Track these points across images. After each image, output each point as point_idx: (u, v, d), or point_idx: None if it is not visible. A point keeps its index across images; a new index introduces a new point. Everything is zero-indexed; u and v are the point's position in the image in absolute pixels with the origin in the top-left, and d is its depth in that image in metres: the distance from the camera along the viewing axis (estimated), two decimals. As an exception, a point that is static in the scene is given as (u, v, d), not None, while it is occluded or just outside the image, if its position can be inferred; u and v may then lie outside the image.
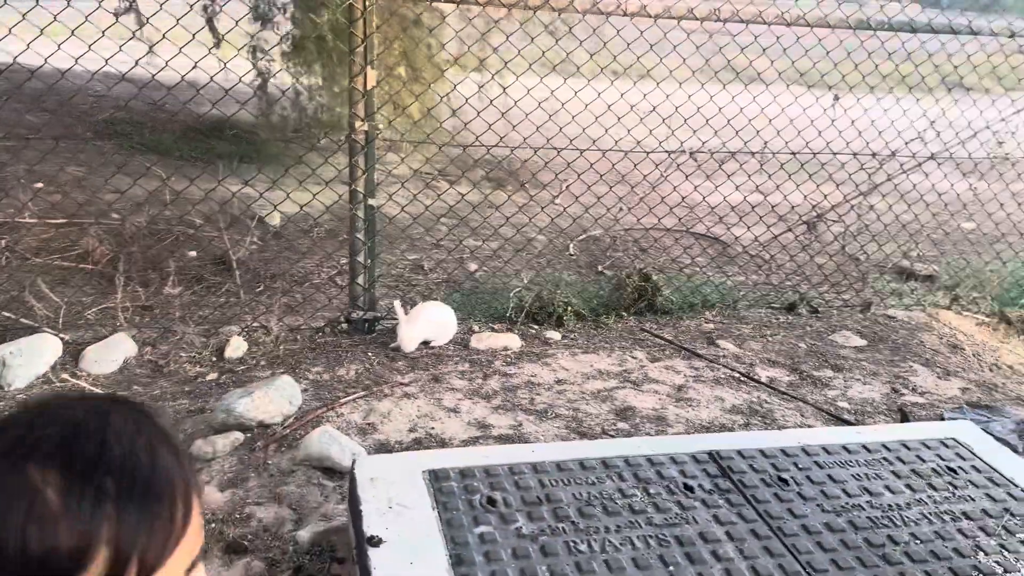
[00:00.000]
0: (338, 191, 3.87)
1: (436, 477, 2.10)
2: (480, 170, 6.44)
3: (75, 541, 0.61)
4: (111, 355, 3.18)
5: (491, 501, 2.03)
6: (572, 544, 1.90)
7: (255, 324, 3.61)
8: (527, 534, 1.93)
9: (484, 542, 1.89)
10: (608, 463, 2.23)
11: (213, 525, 2.24)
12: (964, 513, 2.11)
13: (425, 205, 4.81)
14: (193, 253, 4.51)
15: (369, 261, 3.59)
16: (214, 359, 3.33)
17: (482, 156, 6.37)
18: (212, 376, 3.18)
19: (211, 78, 3.55)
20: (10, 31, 2.98)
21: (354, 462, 2.15)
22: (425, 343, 3.49)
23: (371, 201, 3.49)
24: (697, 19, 3.74)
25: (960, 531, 2.04)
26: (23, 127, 5.52)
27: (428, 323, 3.48)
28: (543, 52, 4.07)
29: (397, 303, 3.51)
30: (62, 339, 3.25)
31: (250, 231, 4.57)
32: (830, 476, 2.23)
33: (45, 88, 5.48)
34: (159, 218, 4.82)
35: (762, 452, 2.33)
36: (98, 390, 3.01)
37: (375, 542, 1.86)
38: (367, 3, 3.23)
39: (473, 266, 4.74)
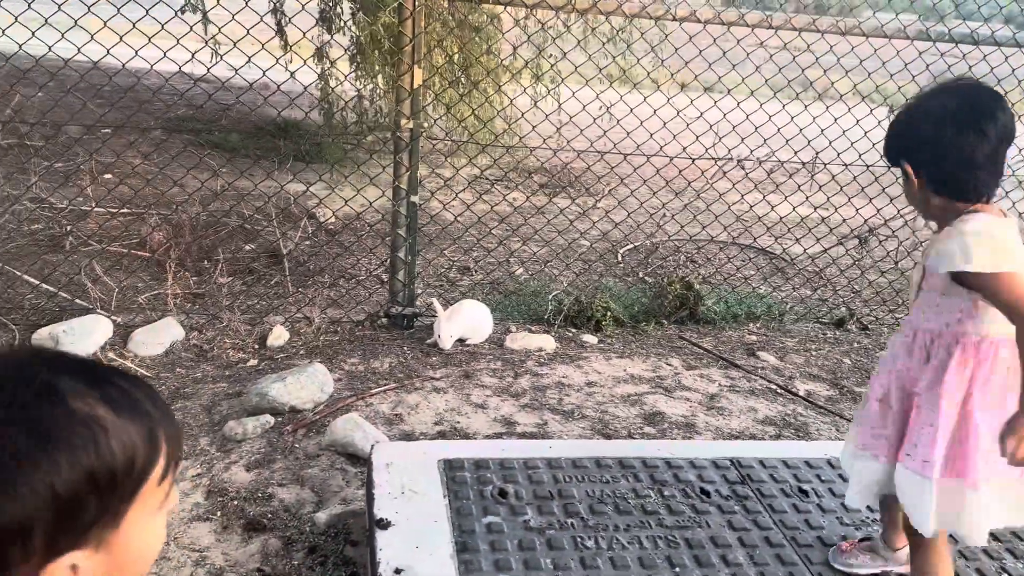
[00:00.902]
0: (388, 189, 3.92)
1: (450, 467, 2.10)
2: (536, 178, 6.45)
3: (145, 433, 0.70)
4: (158, 338, 3.28)
5: (502, 493, 2.02)
6: (579, 539, 1.88)
7: (298, 315, 3.67)
8: (535, 527, 1.91)
9: (491, 532, 1.88)
10: (625, 463, 2.19)
11: (236, 503, 2.28)
12: (993, 535, 2.01)
13: (470, 207, 4.83)
14: (250, 246, 4.63)
15: (410, 258, 3.62)
16: (256, 346, 3.40)
17: (539, 164, 6.38)
18: (252, 362, 3.25)
19: (278, 87, 3.65)
20: (103, 28, 3.12)
21: (372, 447, 2.16)
22: (460, 340, 3.50)
23: (413, 198, 3.52)
24: (748, 26, 3.68)
25: (986, 552, 1.94)
26: (101, 123, 5.74)
27: (465, 321, 3.49)
28: (588, 56, 4.05)
29: (436, 301, 3.53)
30: (113, 321, 3.37)
31: (302, 227, 4.66)
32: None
33: (124, 87, 5.70)
34: (218, 211, 4.96)
35: (784, 462, 2.27)
36: (142, 371, 3.10)
37: (384, 524, 1.86)
38: (416, 3, 3.27)
39: (519, 269, 4.74)
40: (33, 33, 3.05)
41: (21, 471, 0.64)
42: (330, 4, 6.09)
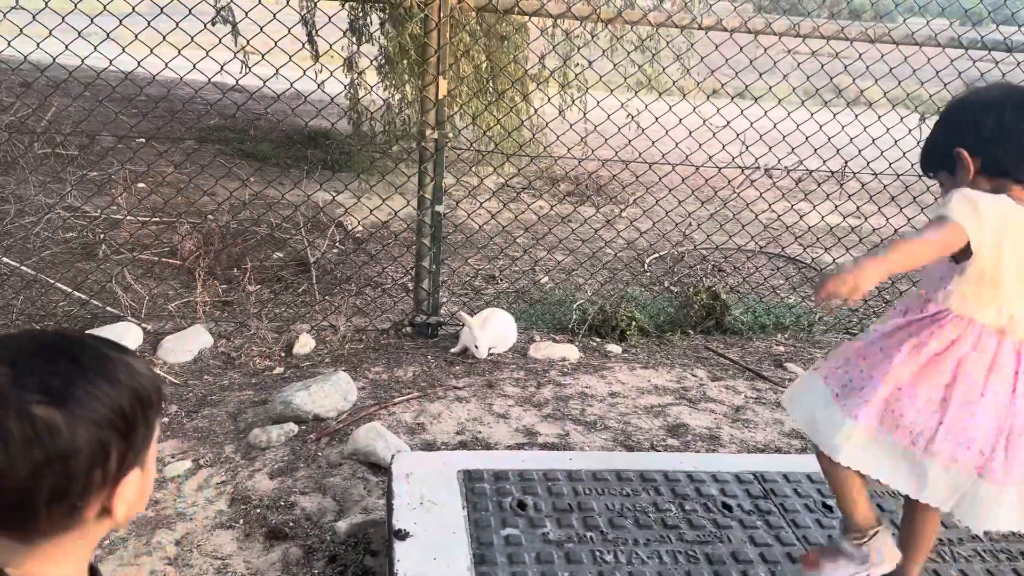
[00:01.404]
0: (413, 199, 3.95)
1: (470, 477, 2.09)
2: (561, 187, 6.45)
3: (150, 369, 0.90)
4: (187, 345, 3.32)
5: (521, 505, 2.01)
6: (598, 553, 1.86)
7: (324, 323, 3.71)
8: (553, 540, 1.90)
9: (509, 544, 1.87)
10: (646, 476, 2.17)
11: (258, 511, 2.30)
12: (1024, 554, 1.96)
13: (495, 216, 4.84)
14: (278, 254, 4.68)
15: (434, 266, 3.63)
16: (283, 354, 3.43)
17: (565, 173, 6.38)
18: (278, 370, 3.28)
19: (306, 98, 3.70)
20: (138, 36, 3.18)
21: (393, 457, 2.17)
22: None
23: (438, 207, 3.54)
24: (776, 34, 3.65)
25: (1016, 572, 1.89)
26: (133, 133, 5.86)
27: (496, 329, 3.49)
28: (614, 65, 4.05)
29: (462, 312, 3.53)
30: (143, 328, 3.42)
31: (329, 235, 4.70)
32: (879, 506, 2.11)
33: (156, 98, 5.80)
34: (247, 220, 5.02)
35: (809, 477, 2.23)
36: (171, 378, 3.14)
37: (402, 535, 1.87)
38: (441, 15, 3.29)
39: (544, 278, 4.74)
40: (67, 46, 3.12)
41: (96, 400, 0.82)
42: (359, 15, 6.14)
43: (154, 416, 0.89)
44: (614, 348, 3.73)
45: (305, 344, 3.48)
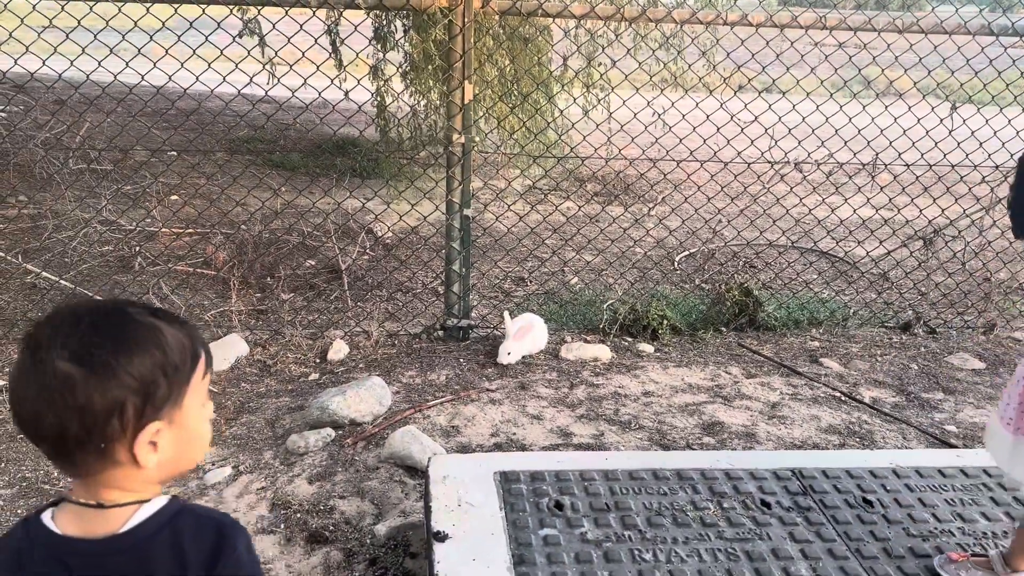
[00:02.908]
0: (442, 203, 3.98)
1: (506, 479, 2.11)
2: (589, 187, 6.45)
3: (188, 335, 1.00)
4: (224, 354, 3.38)
5: (558, 505, 2.02)
6: (636, 552, 1.87)
7: (357, 329, 3.74)
8: (592, 539, 1.91)
9: (547, 544, 1.88)
10: (683, 474, 2.17)
11: (299, 515, 2.34)
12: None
13: (523, 219, 4.85)
14: (310, 262, 4.73)
15: (464, 270, 3.65)
16: (317, 360, 3.48)
17: (592, 173, 6.37)
18: (314, 376, 3.32)
19: (333, 107, 3.74)
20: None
21: (429, 460, 2.19)
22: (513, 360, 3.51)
23: (466, 211, 3.56)
24: (802, 27, 3.62)
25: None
26: (165, 146, 5.96)
27: (528, 341, 3.50)
28: (639, 63, 4.04)
29: (507, 315, 3.54)
30: (181, 337, 3.48)
31: (360, 242, 4.75)
32: (920, 500, 2.09)
33: (187, 111, 5.90)
34: (279, 229, 5.09)
35: (848, 472, 2.21)
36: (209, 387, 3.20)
37: (441, 537, 1.88)
38: (465, 20, 3.31)
39: (573, 279, 4.74)
40: (99, 63, 3.19)
41: (114, 363, 0.91)
42: (383, 23, 6.20)
43: (182, 377, 0.97)
44: (646, 347, 3.73)
45: (339, 350, 3.52)
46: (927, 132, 3.93)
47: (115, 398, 0.91)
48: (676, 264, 5.17)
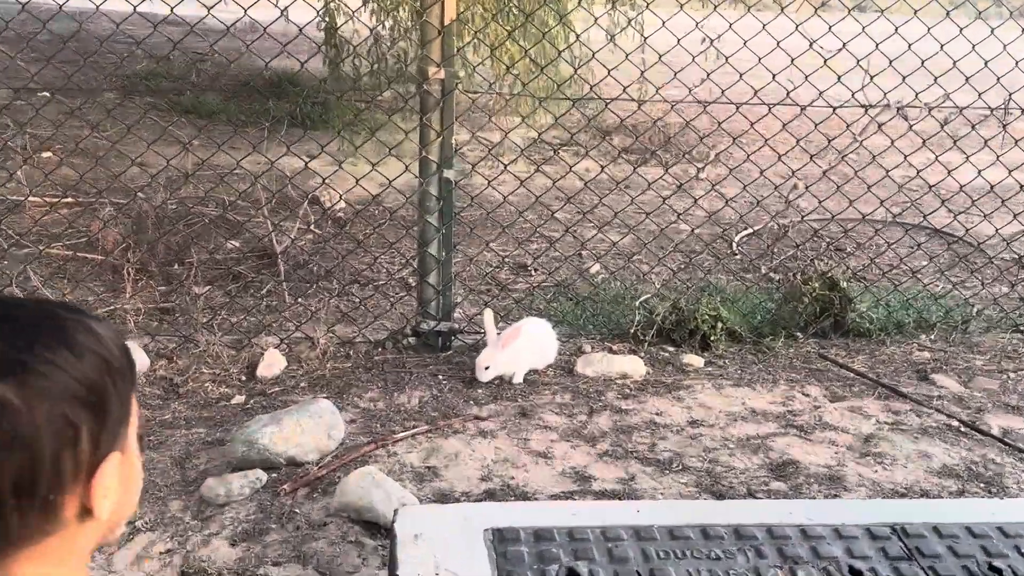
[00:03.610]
0: (414, 163, 3.97)
1: (502, 538, 2.11)
2: (615, 141, 6.45)
3: (120, 338, 1.00)
4: (115, 368, 3.37)
5: (573, 573, 2.02)
6: (679, 639, 1.87)
7: (298, 335, 3.75)
8: (618, 622, 1.91)
9: (557, 628, 1.88)
10: (742, 532, 2.17)
11: (218, 588, 2.34)
12: None
13: (525, 184, 4.85)
14: (233, 243, 4.73)
15: (444, 254, 3.66)
16: (243, 378, 3.48)
17: (619, 122, 6.37)
18: (238, 399, 3.33)
19: (264, 30, 3.72)
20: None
21: (396, 512, 2.19)
22: (500, 376, 3.49)
23: (447, 174, 3.56)
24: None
25: None
26: (34, 84, 5.95)
27: (526, 347, 3.50)
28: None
29: (488, 314, 3.54)
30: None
31: (301, 216, 4.75)
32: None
33: (64, 35, 5.89)
34: (190, 198, 5.09)
35: (969, 530, 2.21)
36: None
37: (411, 619, 1.89)
38: (445, -89, 3.30)
39: (594, 266, 4.74)
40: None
41: (57, 369, 0.89)
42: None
43: (128, 388, 0.97)
44: (694, 360, 3.73)
45: (273, 363, 3.52)
46: (1078, 65, 3.93)
47: (66, 419, 0.88)
48: (735, 246, 5.17)
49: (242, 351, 3.62)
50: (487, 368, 3.44)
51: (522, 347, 3.49)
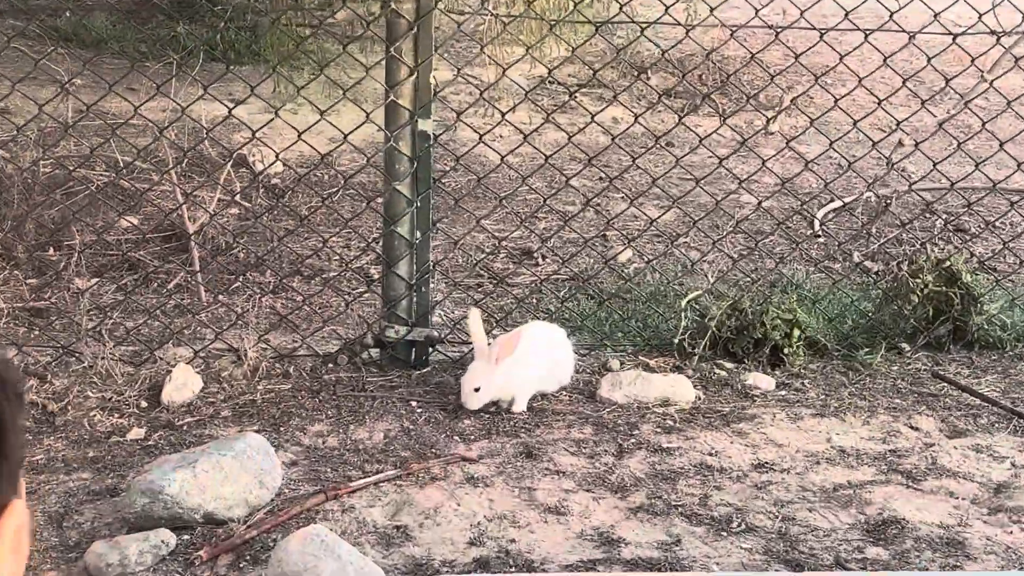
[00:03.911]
0: (378, 110, 3.96)
1: (499, 625, 2.12)
2: (653, 81, 6.44)
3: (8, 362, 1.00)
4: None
5: (596, 673, 2.03)
6: None
7: (218, 345, 3.74)
8: None
9: None
10: (828, 616, 2.18)
11: None
12: None
13: (529, 140, 4.84)
14: (130, 219, 4.72)
15: (419, 235, 3.65)
16: (143, 404, 3.47)
17: (659, 55, 6.35)
18: (137, 433, 3.32)
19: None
20: None
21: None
22: (494, 401, 3.49)
23: (424, 124, 3.56)
24: None
25: None
26: None
27: (522, 358, 3.49)
28: None
29: (474, 314, 3.54)
30: None
31: (223, 182, 4.73)
32: None
33: None
34: (71, 157, 5.07)
35: None
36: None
37: None
38: None
39: (625, 253, 4.72)
40: None
41: None
42: None
43: (20, 413, 0.98)
44: (761, 380, 3.73)
45: (184, 384, 3.51)
46: None
47: None
48: (817, 226, 5.16)
49: (142, 368, 3.61)
50: (477, 390, 3.43)
51: (524, 362, 3.48)
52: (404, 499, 2.97)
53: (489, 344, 3.48)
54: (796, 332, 3.86)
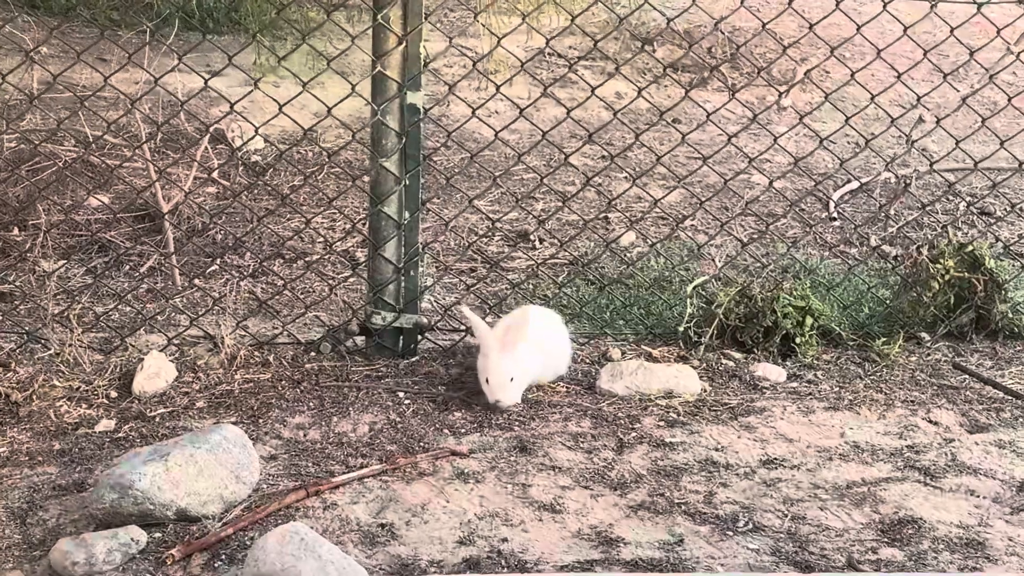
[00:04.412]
0: (364, 82, 3.95)
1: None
2: (659, 53, 6.43)
3: None
4: (-75, 379, 3.38)
5: None
6: None
7: (194, 333, 3.74)
8: None
9: None
10: (840, 621, 2.19)
11: None
12: None
13: (524, 114, 4.84)
14: (100, 198, 4.71)
15: (408, 216, 3.65)
16: (113, 394, 3.47)
17: (663, 24, 6.35)
18: (107, 424, 3.32)
19: None
20: None
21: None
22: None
23: (413, 97, 3.56)
24: None
25: None
26: None
27: (533, 349, 3.49)
28: None
29: (466, 309, 3.53)
30: None
31: (199, 159, 4.73)
32: None
33: None
34: (35, 131, 5.06)
35: None
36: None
37: None
38: None
39: (628, 235, 4.72)
40: None
41: None
42: None
43: None
44: (771, 371, 3.74)
45: (156, 373, 3.51)
46: None
47: None
48: (833, 208, 5.16)
49: (112, 355, 3.62)
50: (512, 379, 3.43)
51: (523, 350, 3.50)
52: (390, 496, 2.97)
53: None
54: (809, 320, 3.87)
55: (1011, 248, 4.60)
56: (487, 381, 3.44)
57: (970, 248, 4.14)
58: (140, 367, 3.52)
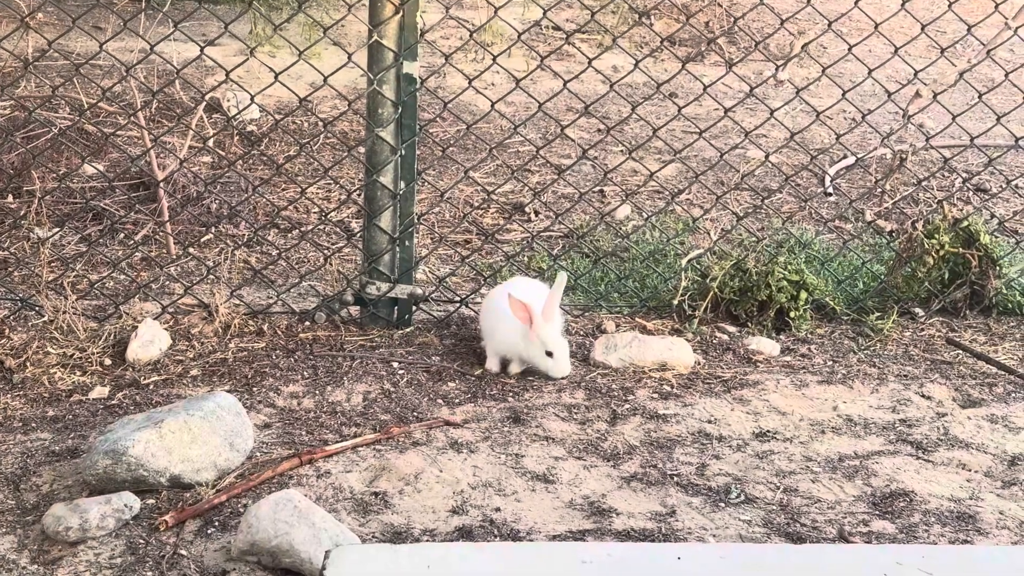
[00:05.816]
0: (360, 52, 3.95)
1: (478, 594, 2.13)
2: (656, 26, 6.42)
3: None
4: (-80, 345, 3.38)
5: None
6: None
7: (188, 302, 3.75)
8: None
9: None
10: (828, 589, 2.20)
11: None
12: None
13: (521, 85, 4.83)
14: (95, 166, 4.70)
15: (403, 186, 3.65)
16: (107, 361, 3.48)
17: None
18: (100, 391, 3.33)
19: None
20: None
21: (328, 556, 2.21)
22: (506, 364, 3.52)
23: (409, 67, 3.55)
24: None
25: None
26: None
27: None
28: None
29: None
30: None
31: (194, 128, 4.72)
32: None
33: None
34: (29, 98, 5.05)
35: None
36: None
37: None
38: None
39: (623, 208, 4.72)
40: None
41: None
42: None
43: None
44: (765, 344, 3.74)
45: (150, 341, 3.52)
46: None
47: None
48: (827, 183, 5.17)
49: (106, 323, 3.62)
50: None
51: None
52: (383, 465, 2.98)
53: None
54: (803, 295, 3.87)
55: (1006, 224, 4.61)
56: (550, 354, 3.46)
57: (965, 224, 4.14)
58: (134, 335, 3.53)
